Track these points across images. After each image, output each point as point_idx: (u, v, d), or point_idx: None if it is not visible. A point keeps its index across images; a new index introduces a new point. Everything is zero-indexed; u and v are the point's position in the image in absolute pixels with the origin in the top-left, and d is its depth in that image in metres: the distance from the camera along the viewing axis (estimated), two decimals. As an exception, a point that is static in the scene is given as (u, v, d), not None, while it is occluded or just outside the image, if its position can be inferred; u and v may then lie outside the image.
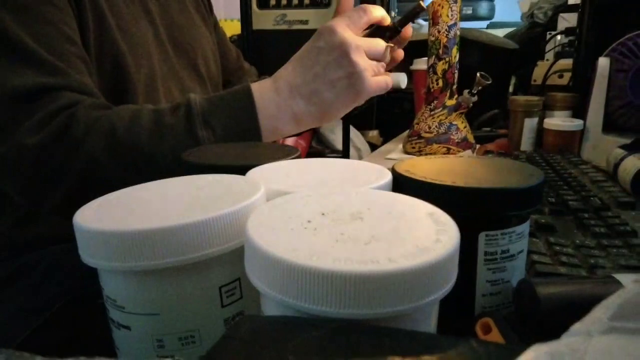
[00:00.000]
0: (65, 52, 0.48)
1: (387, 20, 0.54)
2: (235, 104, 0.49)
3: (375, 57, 0.52)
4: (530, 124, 0.75)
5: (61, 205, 0.47)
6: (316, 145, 1.63)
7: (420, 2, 0.55)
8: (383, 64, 0.53)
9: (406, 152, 0.81)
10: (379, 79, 0.52)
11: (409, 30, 0.57)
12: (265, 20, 1.53)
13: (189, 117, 0.47)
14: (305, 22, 1.50)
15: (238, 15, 1.60)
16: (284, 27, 1.52)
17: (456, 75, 0.77)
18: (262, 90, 0.50)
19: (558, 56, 1.10)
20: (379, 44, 0.52)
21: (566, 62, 0.95)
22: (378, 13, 0.52)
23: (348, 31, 0.50)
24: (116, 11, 0.56)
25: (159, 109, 0.49)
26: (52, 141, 0.45)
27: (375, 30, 0.55)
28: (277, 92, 0.50)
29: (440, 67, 0.76)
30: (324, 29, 0.50)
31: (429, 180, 0.27)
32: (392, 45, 0.54)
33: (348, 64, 0.49)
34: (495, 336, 0.23)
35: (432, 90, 0.78)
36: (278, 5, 1.52)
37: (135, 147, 0.46)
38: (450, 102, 0.77)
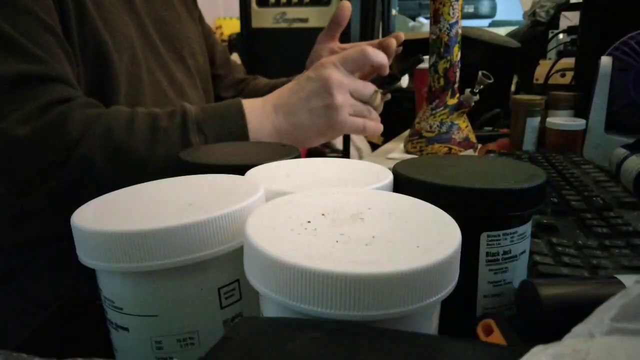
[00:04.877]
0: (45, 41, 0.48)
1: (386, 68, 0.57)
2: (227, 115, 0.52)
3: (360, 98, 0.56)
4: (532, 123, 0.75)
5: (50, 204, 0.48)
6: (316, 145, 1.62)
7: (419, 55, 0.61)
8: (370, 108, 0.57)
9: (407, 152, 0.81)
10: (355, 119, 0.56)
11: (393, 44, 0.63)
12: (264, 18, 1.53)
13: (184, 123, 0.50)
14: (305, 20, 1.49)
15: (237, 13, 1.60)
16: (284, 25, 1.51)
17: (458, 74, 0.77)
18: (251, 105, 0.54)
19: (560, 55, 1.10)
20: (366, 86, 0.56)
21: (568, 61, 0.94)
22: (377, 59, 0.55)
23: (338, 68, 0.54)
24: (97, 1, 0.56)
25: (154, 112, 0.50)
26: (45, 136, 0.45)
27: (375, 77, 0.59)
28: (263, 108, 0.55)
29: (442, 65, 0.76)
30: (319, 62, 0.55)
31: (430, 181, 0.27)
32: (382, 91, 0.59)
33: (327, 96, 0.53)
34: (497, 338, 0.23)
35: (433, 89, 0.78)
36: (277, 3, 1.52)
37: (131, 150, 0.47)
38: (452, 101, 0.77)
